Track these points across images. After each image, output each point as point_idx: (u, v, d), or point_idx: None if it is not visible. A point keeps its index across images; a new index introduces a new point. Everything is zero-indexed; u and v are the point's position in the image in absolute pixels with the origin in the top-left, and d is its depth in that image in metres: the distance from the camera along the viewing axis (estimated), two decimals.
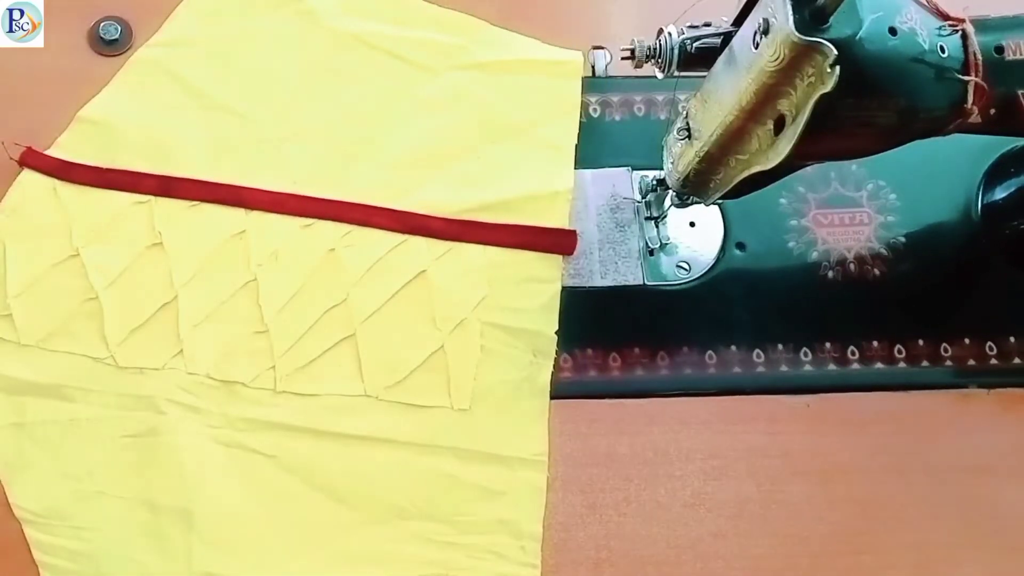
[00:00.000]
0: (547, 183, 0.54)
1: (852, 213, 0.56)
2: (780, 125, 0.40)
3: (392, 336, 0.50)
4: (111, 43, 0.55)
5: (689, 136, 0.46)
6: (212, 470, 0.47)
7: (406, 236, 0.52)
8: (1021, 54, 0.41)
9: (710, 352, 0.52)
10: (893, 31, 0.38)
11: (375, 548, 0.47)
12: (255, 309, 0.50)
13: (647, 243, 0.54)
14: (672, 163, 0.48)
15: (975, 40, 0.40)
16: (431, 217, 0.53)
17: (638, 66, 0.45)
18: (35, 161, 0.53)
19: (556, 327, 0.51)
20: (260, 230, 0.52)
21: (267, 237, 0.52)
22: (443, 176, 0.54)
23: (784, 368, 0.52)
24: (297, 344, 0.50)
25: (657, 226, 0.54)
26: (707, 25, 0.43)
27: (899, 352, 0.53)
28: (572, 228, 0.53)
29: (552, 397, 0.50)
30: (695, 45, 0.43)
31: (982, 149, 0.57)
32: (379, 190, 0.54)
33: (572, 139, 0.56)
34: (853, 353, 0.53)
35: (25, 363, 0.49)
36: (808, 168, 0.54)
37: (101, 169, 0.53)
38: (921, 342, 0.53)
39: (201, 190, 0.53)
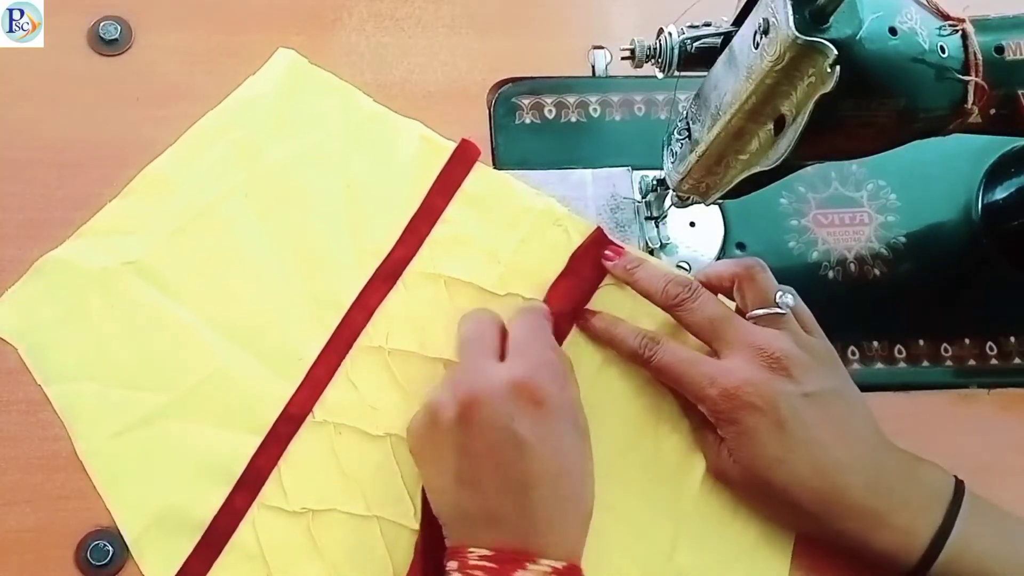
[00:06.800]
0: None
1: (852, 213, 0.56)
2: (780, 125, 0.40)
3: None
4: (111, 43, 0.55)
5: (689, 136, 0.46)
6: None
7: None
8: (1021, 54, 0.41)
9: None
10: (893, 31, 0.38)
11: None
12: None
13: (647, 243, 0.54)
14: (672, 163, 0.48)
15: (975, 40, 0.40)
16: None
17: (638, 66, 0.45)
18: None
19: None
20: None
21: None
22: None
23: None
24: None
25: (657, 226, 0.54)
26: (707, 25, 0.43)
27: (899, 352, 0.53)
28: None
29: None
30: (695, 45, 0.43)
31: (982, 149, 0.57)
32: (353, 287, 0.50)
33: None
34: (853, 353, 0.53)
35: None
36: (808, 168, 0.55)
37: None
38: (921, 342, 0.53)
39: None
